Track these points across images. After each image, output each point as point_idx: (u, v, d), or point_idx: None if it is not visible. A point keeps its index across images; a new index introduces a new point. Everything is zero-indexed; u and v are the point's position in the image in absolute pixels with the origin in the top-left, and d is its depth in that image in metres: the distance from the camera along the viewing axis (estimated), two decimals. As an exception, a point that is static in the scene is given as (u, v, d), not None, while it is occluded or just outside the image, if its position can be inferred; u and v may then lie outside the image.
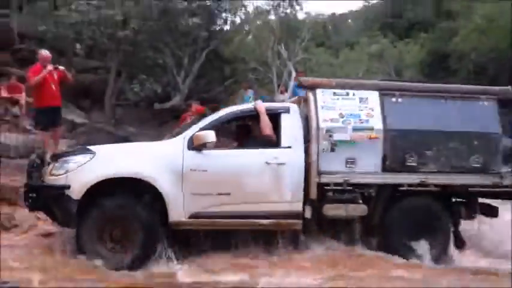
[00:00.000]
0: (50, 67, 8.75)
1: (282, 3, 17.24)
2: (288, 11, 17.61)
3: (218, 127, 5.80)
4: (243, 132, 6.48)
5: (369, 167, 5.76)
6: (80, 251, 5.17)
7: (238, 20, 15.68)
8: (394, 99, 5.92)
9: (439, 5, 27.42)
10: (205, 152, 5.48)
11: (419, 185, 5.76)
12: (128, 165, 5.45)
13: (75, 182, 5.25)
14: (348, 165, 5.73)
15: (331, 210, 5.65)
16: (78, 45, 15.88)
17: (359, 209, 5.72)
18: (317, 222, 5.80)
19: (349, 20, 47.91)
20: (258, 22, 16.08)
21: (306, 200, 5.64)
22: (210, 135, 5.35)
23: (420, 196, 5.89)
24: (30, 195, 5.46)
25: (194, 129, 5.62)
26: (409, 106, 5.98)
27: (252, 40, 15.32)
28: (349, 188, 5.71)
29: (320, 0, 41.43)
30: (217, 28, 15.45)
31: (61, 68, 9.07)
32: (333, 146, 5.68)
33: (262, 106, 5.95)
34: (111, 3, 13.38)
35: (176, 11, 14.26)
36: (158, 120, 15.05)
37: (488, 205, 6.17)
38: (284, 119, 5.83)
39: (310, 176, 5.59)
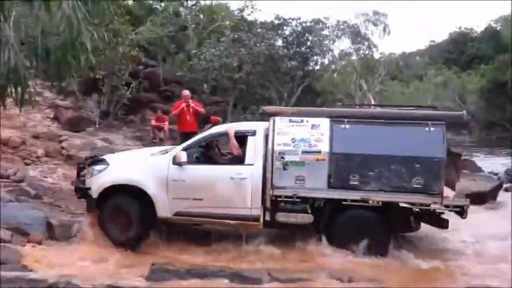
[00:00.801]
0: (183, 104, 9.65)
1: (361, 47, 17.44)
2: (367, 52, 17.65)
3: (198, 146, 6.20)
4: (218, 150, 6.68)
5: (316, 184, 5.60)
6: (101, 229, 6.01)
7: (326, 61, 15.99)
8: (342, 126, 5.61)
9: (497, 41, 25.94)
10: (184, 166, 5.78)
11: (360, 200, 5.48)
12: (128, 175, 6.03)
13: (94, 185, 6.05)
14: (297, 182, 5.63)
15: (282, 217, 5.67)
16: (205, 85, 16.77)
17: (306, 218, 5.66)
18: (276, 224, 5.81)
19: (417, 57, 46.29)
20: (342, 62, 16.27)
21: (265, 207, 5.73)
22: (183, 156, 5.71)
23: (361, 208, 5.56)
24: (75, 191, 6.50)
25: (178, 149, 6.02)
26: (356, 132, 5.65)
27: (338, 76, 15.49)
28: (298, 200, 5.63)
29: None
30: (310, 68, 15.81)
31: (194, 104, 9.91)
32: (285, 166, 5.63)
33: (231, 130, 6.05)
34: (230, 53, 14.13)
35: (278, 57, 14.82)
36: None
37: (438, 217, 5.67)
38: (250, 140, 5.85)
39: (266, 189, 5.66)
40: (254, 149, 5.79)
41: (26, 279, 4.24)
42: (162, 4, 19.29)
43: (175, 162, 5.82)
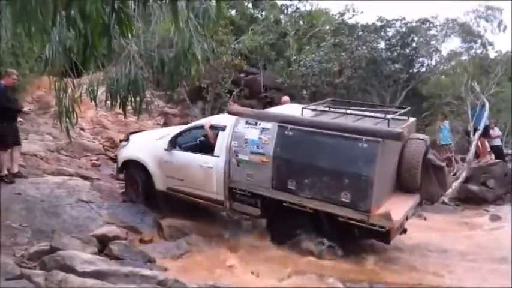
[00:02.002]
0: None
1: (473, 45, 16.09)
2: (480, 51, 16.25)
3: (183, 135, 7.05)
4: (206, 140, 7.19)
5: (262, 183, 6.06)
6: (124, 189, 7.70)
7: (433, 63, 15.02)
8: (286, 132, 5.81)
9: None
10: (173, 151, 6.89)
11: (298, 204, 5.77)
12: (136, 153, 7.36)
13: (118, 156, 7.84)
14: (247, 178, 6.18)
15: (236, 206, 6.47)
16: (304, 91, 16.80)
17: (254, 211, 6.33)
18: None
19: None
20: (452, 63, 15.16)
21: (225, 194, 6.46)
22: (167, 145, 6.89)
23: (298, 211, 5.83)
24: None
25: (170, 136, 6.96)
26: (297, 138, 5.79)
27: (447, 78, 14.45)
28: (249, 194, 6.21)
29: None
30: (416, 71, 15.00)
31: None
32: (238, 163, 6.22)
33: (207, 123, 6.89)
34: (330, 58, 13.99)
35: (381, 60, 14.31)
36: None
37: (377, 232, 5.39)
38: (220, 134, 6.51)
39: (225, 180, 6.35)
40: (222, 142, 6.46)
41: (139, 275, 4.54)
42: (263, 13, 19.78)
43: (166, 148, 6.95)
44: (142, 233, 6.63)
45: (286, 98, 10.56)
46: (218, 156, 6.47)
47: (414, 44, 14.74)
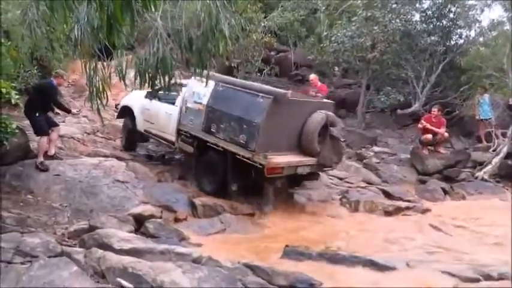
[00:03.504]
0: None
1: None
2: (524, 19, 15.32)
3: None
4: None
5: (197, 126, 7.51)
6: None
7: (473, 34, 14.28)
8: (218, 88, 7.26)
9: None
10: (152, 101, 8.31)
11: (214, 144, 7.15)
12: (128, 101, 9.39)
13: (120, 105, 9.74)
14: (189, 123, 7.70)
15: (180, 145, 7.97)
16: (336, 68, 16.44)
17: (189, 149, 7.79)
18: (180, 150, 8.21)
19: None
20: (493, 33, 14.39)
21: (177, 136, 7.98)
22: (146, 94, 8.34)
23: (216, 150, 7.20)
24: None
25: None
26: (223, 93, 7.23)
27: (487, 49, 13.75)
28: (189, 135, 7.69)
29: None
30: (453, 43, 14.30)
31: (318, 88, 9.89)
32: (186, 110, 7.77)
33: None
34: (362, 32, 13.58)
35: (416, 33, 13.74)
36: (400, 124, 14.61)
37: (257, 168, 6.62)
38: (182, 89, 7.66)
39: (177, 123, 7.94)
40: (181, 95, 7.84)
41: (174, 252, 4.61)
42: (293, -12, 19.37)
43: (146, 96, 8.38)
44: (177, 211, 6.75)
45: (313, 75, 10.43)
46: (177, 106, 8.01)
47: (451, 15, 14.01)
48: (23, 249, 4.42)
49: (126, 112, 9.35)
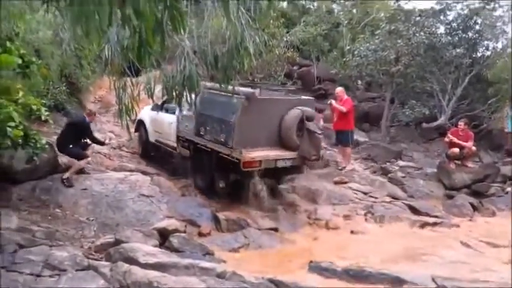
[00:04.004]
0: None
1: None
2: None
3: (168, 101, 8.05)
4: None
5: (191, 131, 8.20)
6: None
7: (500, 46, 14.03)
8: (203, 94, 7.31)
9: None
10: (158, 113, 9.23)
11: (204, 145, 7.82)
12: (141, 115, 9.63)
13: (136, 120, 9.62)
14: (185, 129, 8.42)
15: (179, 150, 8.71)
16: (359, 82, 16.36)
17: (186, 152, 8.52)
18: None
19: None
20: (521, 44, 14.12)
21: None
22: (153, 107, 9.23)
23: (205, 151, 7.83)
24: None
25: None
26: (207, 98, 7.62)
27: (515, 61, 13.47)
28: (185, 140, 8.46)
29: None
30: (479, 55, 14.07)
31: (340, 102, 9.87)
32: (182, 117, 8.51)
33: None
34: (386, 46, 13.51)
35: (441, 45, 13.56)
36: (426, 137, 14.38)
37: (234, 162, 7.19)
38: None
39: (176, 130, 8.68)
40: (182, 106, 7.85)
41: (198, 267, 4.64)
42: (315, 4, 19.48)
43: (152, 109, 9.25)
44: (201, 226, 6.79)
45: (340, 88, 10.43)
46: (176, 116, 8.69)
47: (477, 27, 13.81)
48: (52, 263, 4.53)
49: (140, 125, 10.04)
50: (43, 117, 7.20)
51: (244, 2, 3.47)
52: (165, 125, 9.09)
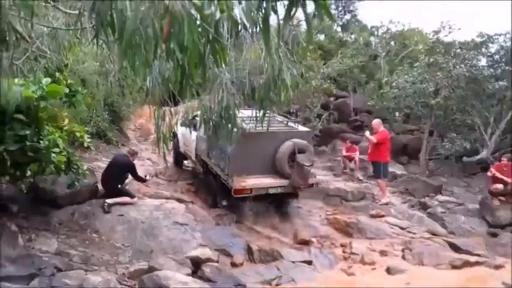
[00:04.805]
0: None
1: None
2: None
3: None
4: None
5: (204, 152, 9.12)
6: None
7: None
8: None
9: None
10: (187, 128, 9.43)
11: (211, 167, 8.79)
12: (176, 128, 9.05)
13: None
14: (201, 148, 9.26)
15: (199, 166, 9.91)
16: (397, 114, 16.19)
17: (201, 170, 9.69)
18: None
19: None
20: None
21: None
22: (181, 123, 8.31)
23: (212, 172, 8.83)
24: None
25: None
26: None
27: None
28: (201, 158, 9.48)
29: None
30: (524, 88, 13.69)
31: (376, 133, 9.75)
32: (199, 138, 9.31)
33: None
34: (425, 78, 13.36)
35: (482, 78, 13.28)
36: (467, 172, 13.91)
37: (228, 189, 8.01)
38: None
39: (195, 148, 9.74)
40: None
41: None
42: (353, 36, 19.62)
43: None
44: (233, 256, 6.74)
45: (376, 120, 10.33)
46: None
47: (521, 59, 13.51)
48: (86, 287, 4.59)
49: (175, 136, 10.79)
50: (86, 144, 7.50)
51: (282, 36, 3.55)
52: (190, 141, 10.18)
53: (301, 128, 9.29)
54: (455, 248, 7.95)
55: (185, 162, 11.57)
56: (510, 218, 9.39)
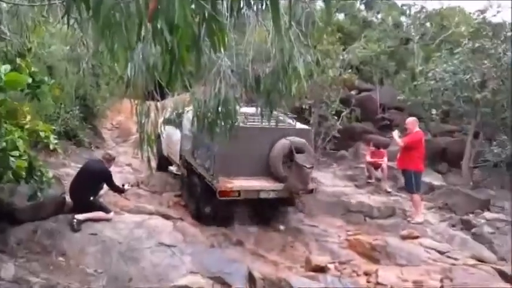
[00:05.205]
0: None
1: None
2: None
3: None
4: None
5: (189, 152, 9.57)
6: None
7: None
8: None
9: None
10: (168, 128, 10.59)
11: (195, 168, 9.15)
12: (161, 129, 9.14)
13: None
14: (186, 148, 9.75)
15: (182, 168, 10.37)
16: (434, 111, 16.13)
17: (184, 171, 10.06)
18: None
19: None
20: None
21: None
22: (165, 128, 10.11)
23: (196, 174, 9.19)
24: None
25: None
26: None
27: None
28: (185, 159, 9.97)
29: None
30: None
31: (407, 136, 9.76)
32: (184, 137, 9.90)
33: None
34: (468, 67, 13.33)
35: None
36: (521, 183, 13.96)
37: (213, 190, 8.33)
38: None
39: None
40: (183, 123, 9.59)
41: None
42: (379, 16, 19.63)
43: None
44: (232, 285, 6.72)
45: (410, 119, 10.30)
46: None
47: None
48: (51, 323, 4.58)
49: (158, 137, 10.89)
50: (51, 146, 7.50)
51: (294, 14, 3.53)
52: (174, 142, 10.69)
53: (299, 125, 9.57)
54: (506, 277, 7.93)
55: (173, 169, 11.47)
56: None
